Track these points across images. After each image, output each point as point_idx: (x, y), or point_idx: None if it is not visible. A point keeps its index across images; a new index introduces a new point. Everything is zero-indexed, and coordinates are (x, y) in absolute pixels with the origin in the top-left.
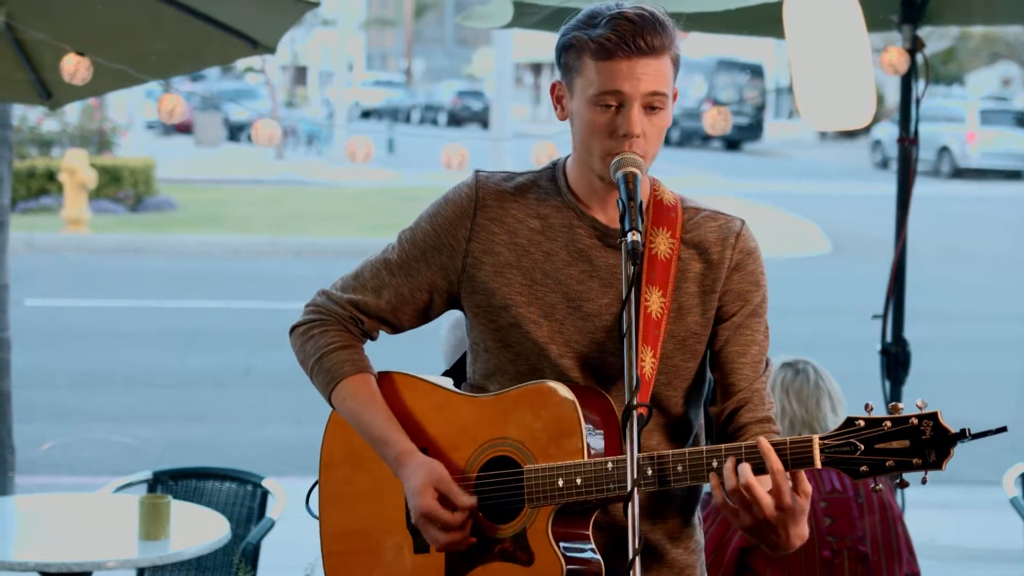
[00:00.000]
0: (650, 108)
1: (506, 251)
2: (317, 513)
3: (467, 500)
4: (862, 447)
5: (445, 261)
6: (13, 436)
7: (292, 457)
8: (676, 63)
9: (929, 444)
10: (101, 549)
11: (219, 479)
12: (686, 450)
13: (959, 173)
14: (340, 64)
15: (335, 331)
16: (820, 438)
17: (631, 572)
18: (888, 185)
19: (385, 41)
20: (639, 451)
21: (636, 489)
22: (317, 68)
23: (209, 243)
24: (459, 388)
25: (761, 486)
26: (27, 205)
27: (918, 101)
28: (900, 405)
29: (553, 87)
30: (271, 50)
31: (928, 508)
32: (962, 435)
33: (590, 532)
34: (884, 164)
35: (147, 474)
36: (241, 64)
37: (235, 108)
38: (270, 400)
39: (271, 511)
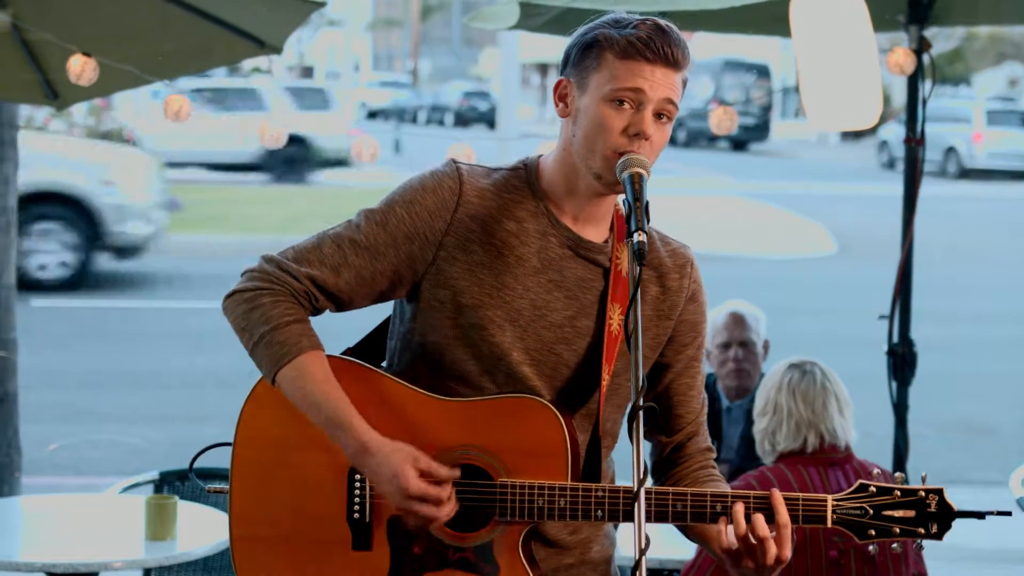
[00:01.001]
0: (659, 116)
1: (480, 250)
2: (207, 486)
3: (450, 472)
4: (871, 512)
5: (416, 251)
6: (20, 437)
7: None
8: (684, 84)
9: (933, 517)
10: (107, 550)
11: (226, 479)
12: (688, 490)
13: (966, 173)
14: (346, 64)
15: (287, 303)
16: (834, 499)
17: (637, 572)
18: (895, 186)
19: (391, 41)
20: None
21: (642, 489)
22: (323, 68)
23: (216, 243)
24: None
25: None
26: None
27: (925, 101)
28: (902, 475)
29: (559, 83)
30: (277, 50)
31: None
32: (964, 514)
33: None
34: (891, 164)
35: (154, 475)
36: (247, 64)
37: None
38: None
39: None
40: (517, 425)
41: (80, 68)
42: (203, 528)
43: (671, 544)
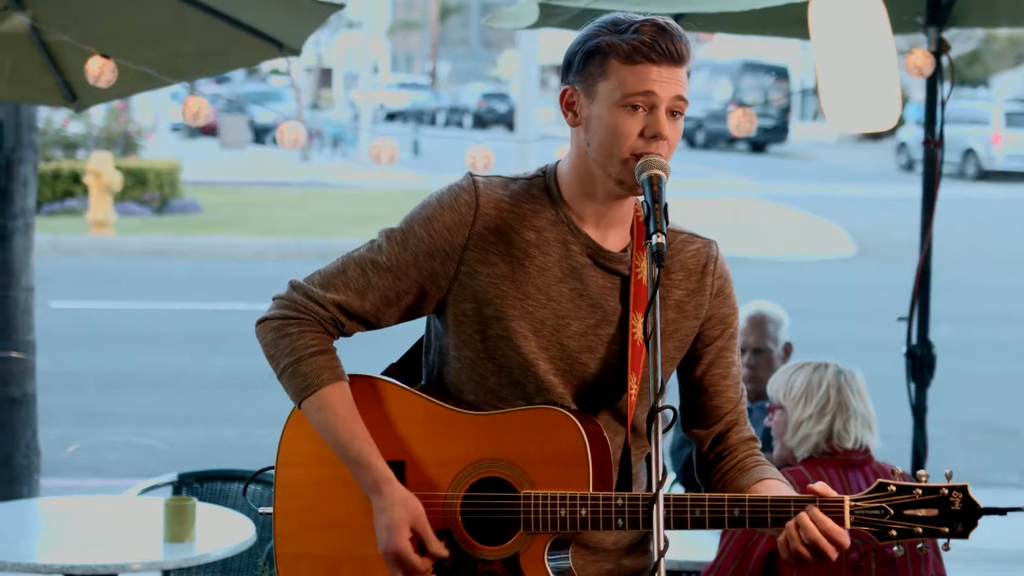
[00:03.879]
0: (673, 114)
1: (502, 262)
2: (259, 508)
3: (440, 549)
4: (891, 512)
5: (438, 267)
6: (38, 439)
7: None
8: (689, 75)
9: (957, 515)
10: (126, 551)
11: (244, 481)
12: (705, 495)
13: (984, 175)
14: (365, 66)
15: (313, 333)
16: (852, 499)
17: (655, 575)
18: (913, 187)
19: (410, 43)
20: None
21: (660, 491)
22: (342, 70)
23: (234, 245)
24: (411, 386)
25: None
26: (52, 207)
27: (943, 103)
28: (926, 473)
29: (564, 92)
30: (296, 52)
31: None
32: (990, 511)
33: (569, 555)
34: (909, 166)
35: (172, 476)
36: (266, 66)
37: (260, 110)
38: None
39: None
40: (540, 437)
41: (99, 70)
42: (222, 530)
43: (690, 546)
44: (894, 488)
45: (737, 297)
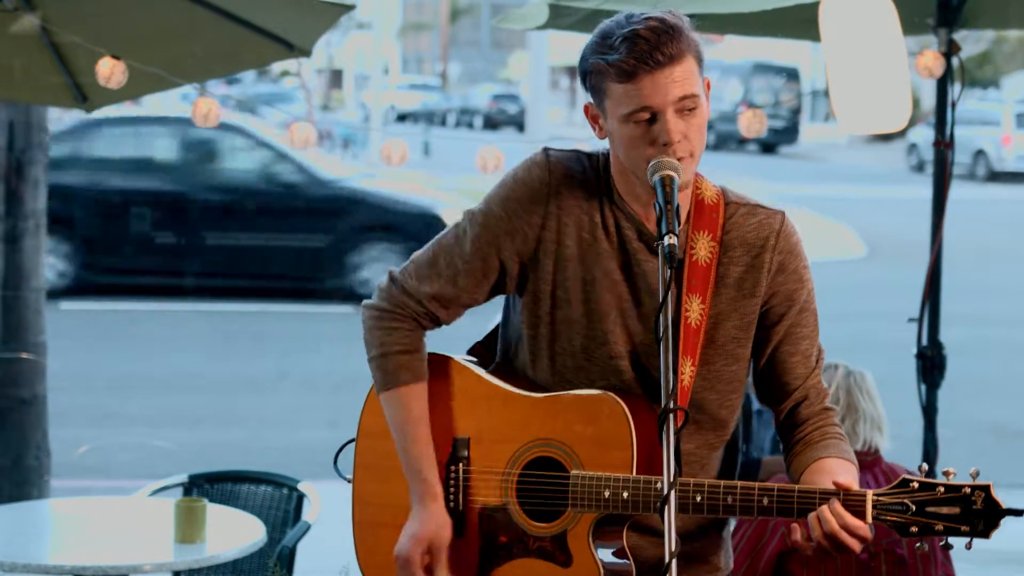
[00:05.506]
0: (685, 111)
1: (572, 244)
2: (347, 475)
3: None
4: (913, 508)
5: (519, 246)
6: (49, 440)
7: (327, 461)
8: (700, 59)
9: (979, 515)
10: (137, 552)
11: (255, 482)
12: (737, 483)
13: (995, 176)
14: (376, 67)
15: (404, 330)
16: (874, 494)
17: (667, 572)
18: (924, 188)
19: (421, 44)
20: (678, 460)
21: (673, 491)
22: (353, 71)
23: None
24: (487, 366)
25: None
26: None
27: (954, 104)
28: (953, 471)
29: (587, 109)
30: (307, 53)
31: None
32: (1013, 512)
33: (624, 538)
34: (920, 168)
35: (183, 477)
36: (277, 67)
37: (271, 111)
38: (305, 404)
39: (307, 514)
40: (590, 419)
41: (109, 71)
42: (232, 531)
43: None
44: (916, 485)
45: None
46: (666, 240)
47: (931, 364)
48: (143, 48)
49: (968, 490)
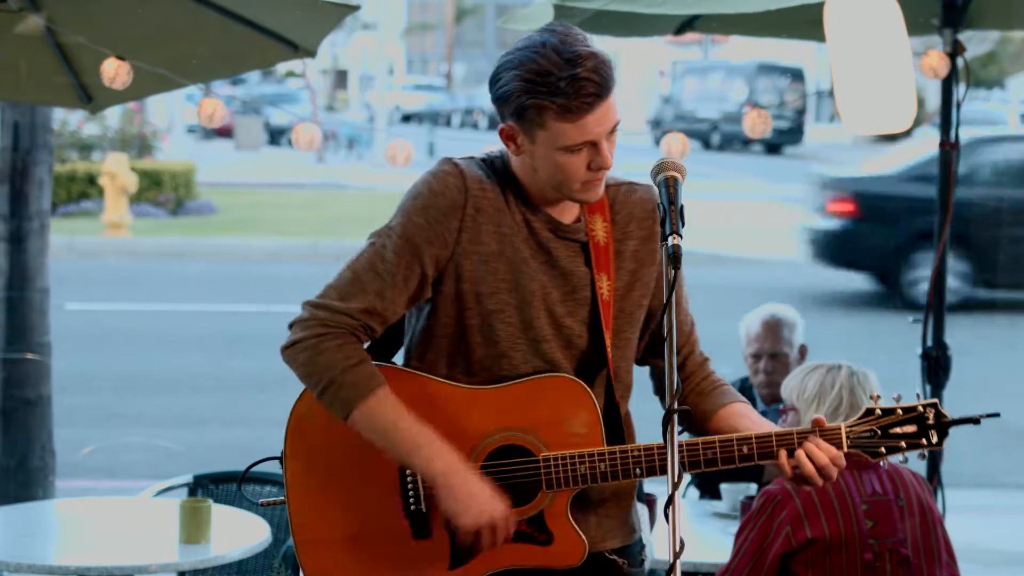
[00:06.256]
0: (611, 133)
1: (492, 241)
2: (260, 500)
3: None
4: (879, 432)
5: (438, 252)
6: (54, 440)
7: None
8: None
9: (932, 427)
10: (142, 553)
11: (260, 483)
12: (715, 438)
13: None
14: (380, 68)
15: (350, 346)
16: (847, 425)
17: (671, 573)
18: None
19: (425, 45)
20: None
21: (676, 492)
22: (357, 72)
23: (249, 247)
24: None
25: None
26: (68, 209)
27: (959, 105)
28: (898, 395)
29: (504, 130)
30: (311, 54)
31: (968, 512)
32: (958, 421)
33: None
34: None
35: (188, 478)
36: (282, 68)
37: (275, 112)
38: None
39: None
40: (549, 402)
41: (114, 71)
42: (237, 531)
43: (706, 547)
44: (879, 411)
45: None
46: (669, 241)
47: (936, 364)
48: (148, 48)
49: (921, 408)
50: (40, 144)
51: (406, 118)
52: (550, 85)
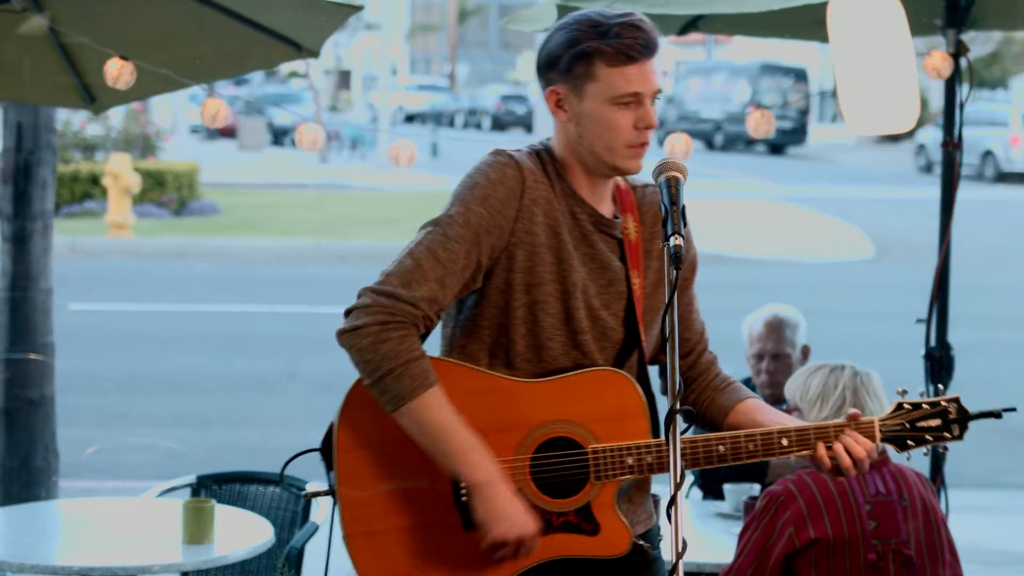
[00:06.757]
0: (653, 101)
1: (542, 232)
2: (303, 487)
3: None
4: (907, 425)
5: (494, 242)
6: (57, 440)
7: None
8: None
9: (955, 422)
10: (145, 553)
11: (263, 483)
12: (757, 431)
13: (1003, 177)
14: (384, 68)
15: (413, 337)
16: (880, 419)
17: (674, 573)
18: (932, 189)
19: (429, 45)
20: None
21: (678, 492)
22: (361, 72)
23: (253, 247)
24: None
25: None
26: (71, 209)
27: (962, 105)
28: (922, 390)
29: (553, 93)
30: (315, 54)
31: (972, 512)
32: (980, 415)
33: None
34: (928, 168)
35: (191, 478)
36: (285, 68)
37: (279, 112)
38: (314, 405)
39: (315, 516)
40: (596, 395)
41: (117, 72)
42: (240, 532)
43: (709, 547)
44: (908, 406)
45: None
46: (671, 241)
47: (939, 365)
48: (151, 49)
49: (944, 403)
50: (43, 144)
51: (409, 118)
52: (602, 32)
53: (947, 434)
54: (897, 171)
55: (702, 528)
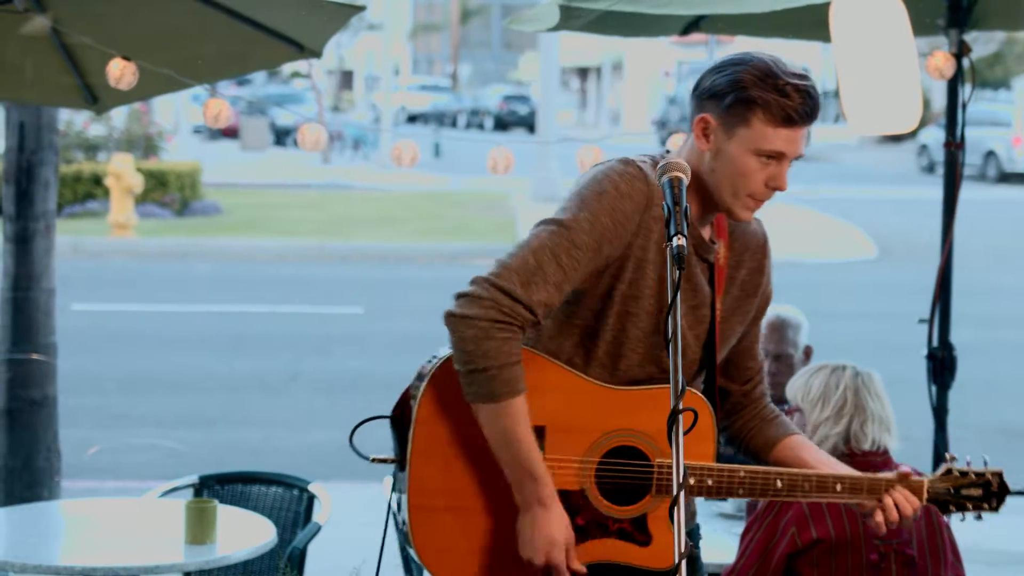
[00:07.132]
0: (789, 164)
1: (653, 248)
2: (367, 454)
3: (580, 567)
4: (952, 491)
5: (612, 251)
6: (59, 441)
7: (338, 462)
8: None
9: (995, 495)
10: (147, 554)
11: (265, 484)
12: (813, 473)
13: (1005, 177)
14: (386, 68)
15: (517, 339)
16: (929, 480)
17: (676, 573)
18: (934, 189)
19: (431, 45)
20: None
21: (682, 494)
22: (363, 72)
23: (255, 247)
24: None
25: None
26: (73, 209)
27: (964, 105)
28: (969, 459)
29: (702, 120)
30: (317, 54)
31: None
32: (1017, 492)
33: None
34: (930, 168)
35: (193, 478)
36: (287, 68)
37: (281, 112)
38: (316, 405)
39: (317, 516)
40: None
41: (119, 72)
42: (243, 532)
43: (711, 548)
44: (957, 473)
45: None
46: (675, 241)
47: (941, 365)
48: (153, 49)
49: (988, 476)
50: (45, 144)
51: (412, 118)
52: (776, 86)
53: (986, 505)
54: (899, 171)
55: (704, 528)
